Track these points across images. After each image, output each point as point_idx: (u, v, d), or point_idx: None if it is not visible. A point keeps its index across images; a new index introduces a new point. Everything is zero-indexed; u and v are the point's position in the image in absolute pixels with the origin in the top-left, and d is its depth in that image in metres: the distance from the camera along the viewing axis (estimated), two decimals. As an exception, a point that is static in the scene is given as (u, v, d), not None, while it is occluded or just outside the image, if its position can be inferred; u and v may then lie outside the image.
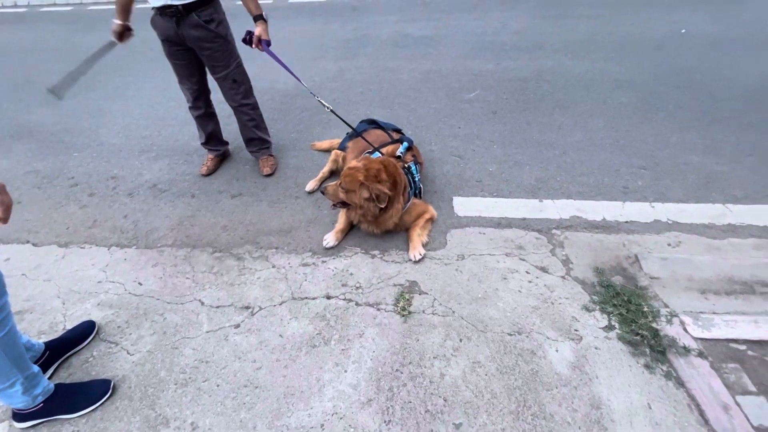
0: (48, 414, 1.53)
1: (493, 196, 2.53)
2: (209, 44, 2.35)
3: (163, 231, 2.41)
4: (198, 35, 2.30)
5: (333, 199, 2.16)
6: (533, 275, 1.99)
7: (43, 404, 1.51)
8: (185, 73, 2.52)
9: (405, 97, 3.74)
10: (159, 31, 2.35)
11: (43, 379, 1.52)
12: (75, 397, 1.57)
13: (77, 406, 1.55)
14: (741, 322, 1.70)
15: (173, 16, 2.23)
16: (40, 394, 1.49)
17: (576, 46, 4.47)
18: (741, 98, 3.35)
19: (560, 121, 3.23)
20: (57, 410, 1.54)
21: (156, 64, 4.69)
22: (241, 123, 2.76)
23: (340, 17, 5.83)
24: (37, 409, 1.51)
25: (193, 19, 2.25)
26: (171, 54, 2.44)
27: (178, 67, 2.50)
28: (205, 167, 2.87)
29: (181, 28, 2.27)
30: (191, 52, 2.42)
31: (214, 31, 2.32)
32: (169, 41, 2.37)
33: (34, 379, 1.46)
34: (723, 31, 4.57)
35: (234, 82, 2.54)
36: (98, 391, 1.60)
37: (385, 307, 1.88)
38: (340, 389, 1.57)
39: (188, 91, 2.60)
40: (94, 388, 1.60)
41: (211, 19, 2.30)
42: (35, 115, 3.81)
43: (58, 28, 6.19)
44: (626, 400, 1.48)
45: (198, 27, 2.27)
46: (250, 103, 2.68)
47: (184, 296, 1.99)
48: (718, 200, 2.39)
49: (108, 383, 1.62)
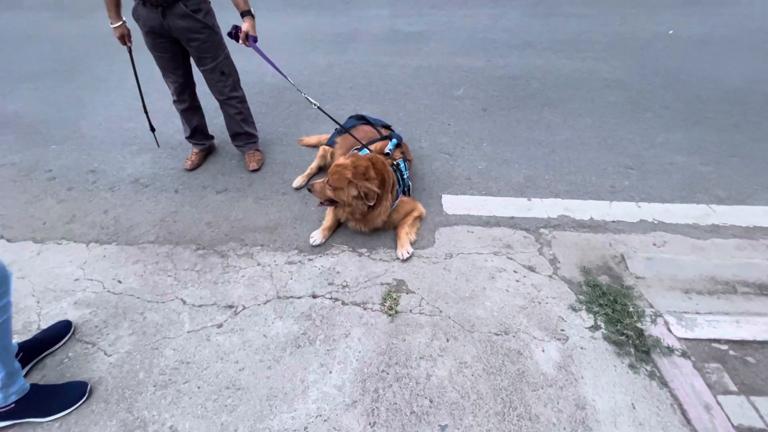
0: (19, 416, 1.46)
1: (482, 194, 2.52)
2: (197, 35, 2.27)
3: (145, 227, 2.34)
4: (185, 26, 2.22)
5: (320, 197, 2.12)
6: (521, 274, 1.99)
7: (14, 404, 1.44)
8: (170, 66, 2.43)
9: (395, 92, 3.70)
10: (142, 22, 2.25)
11: (20, 377, 1.46)
12: (49, 399, 1.50)
13: (51, 410, 1.48)
14: (723, 322, 1.72)
15: (159, 6, 2.15)
16: (14, 392, 1.43)
17: (565, 45, 4.48)
18: (725, 99, 3.40)
19: (549, 120, 3.23)
20: (29, 413, 1.47)
21: (139, 54, 4.54)
22: (228, 116, 2.69)
23: (330, 10, 5.75)
24: (8, 410, 1.44)
25: (180, 9, 2.17)
26: (155, 46, 2.34)
27: (162, 60, 2.41)
28: (189, 162, 2.80)
29: (167, 19, 2.19)
30: (176, 44, 2.34)
31: (202, 21, 2.25)
32: (153, 33, 2.27)
33: (13, 376, 1.41)
34: (709, 33, 4.63)
35: (222, 74, 2.47)
36: (74, 393, 1.53)
37: (372, 306, 1.85)
38: (325, 391, 1.54)
39: (173, 85, 2.52)
40: (70, 391, 1.54)
41: (198, 9, 2.22)
42: (12, 105, 3.66)
43: (37, 15, 5.96)
44: (611, 400, 1.49)
45: (185, 17, 2.19)
46: (238, 96, 2.61)
47: (166, 295, 1.94)
48: (703, 200, 2.42)
49: (85, 386, 1.56)
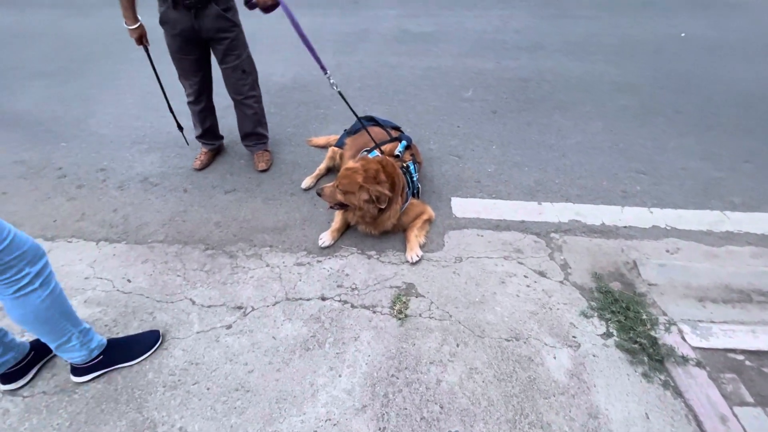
0: (108, 364, 1.61)
1: (491, 197, 2.50)
2: (227, 33, 2.28)
3: (154, 226, 2.35)
4: (218, 26, 2.23)
5: (330, 201, 2.11)
6: (531, 279, 1.97)
7: (102, 356, 1.59)
8: (193, 68, 2.42)
9: (404, 93, 3.69)
10: (171, 25, 2.23)
11: (96, 334, 1.59)
12: (129, 347, 1.66)
13: (134, 355, 1.65)
14: (738, 331, 1.69)
15: (192, 8, 2.14)
16: (95, 348, 1.57)
17: (576, 47, 4.45)
18: (738, 104, 3.36)
19: (560, 123, 3.21)
20: (116, 360, 1.63)
21: (151, 52, 4.56)
22: (241, 116, 2.67)
23: (339, 10, 5.74)
24: (97, 362, 1.58)
25: (213, 10, 2.17)
26: (181, 49, 2.33)
27: (186, 62, 2.40)
28: (198, 161, 2.80)
29: (199, 20, 2.18)
30: (202, 45, 2.34)
31: (232, 20, 2.26)
32: (182, 36, 2.25)
33: (87, 334, 1.54)
34: (721, 37, 4.58)
35: (243, 72, 2.46)
36: (150, 339, 1.70)
37: (381, 309, 1.84)
38: (334, 394, 1.53)
39: (193, 86, 2.51)
40: (146, 338, 1.70)
41: (229, 7, 2.24)
42: (22, 103, 3.69)
43: (47, 13, 6.00)
44: (624, 409, 1.47)
45: (219, 17, 2.20)
46: (255, 96, 2.60)
47: (175, 295, 1.93)
48: (716, 207, 2.38)
49: (157, 332, 1.72)
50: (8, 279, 1.28)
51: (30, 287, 1.32)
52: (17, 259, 1.27)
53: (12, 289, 1.30)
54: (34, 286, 1.33)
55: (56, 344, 1.47)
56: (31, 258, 1.31)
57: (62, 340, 1.47)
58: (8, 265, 1.26)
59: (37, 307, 1.36)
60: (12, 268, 1.27)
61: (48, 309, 1.39)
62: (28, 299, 1.33)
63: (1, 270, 1.25)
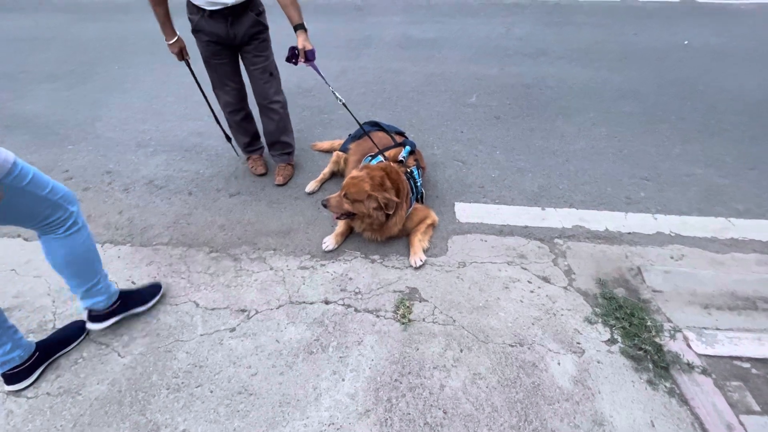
0: (125, 309, 1.77)
1: (495, 202, 2.50)
2: (259, 35, 2.30)
3: (159, 229, 2.36)
4: (253, 31, 2.25)
5: (337, 211, 2.08)
6: (535, 285, 1.97)
7: (119, 301, 1.73)
8: (229, 71, 2.39)
9: (408, 99, 3.71)
10: (205, 32, 2.21)
11: (112, 283, 1.74)
12: (138, 295, 1.83)
13: (145, 300, 1.84)
14: (744, 339, 1.68)
15: (228, 16, 2.15)
16: (114, 294, 1.72)
17: (579, 54, 4.46)
18: (742, 111, 3.36)
19: (563, 129, 3.21)
20: (131, 306, 1.79)
21: (156, 56, 4.63)
22: (268, 122, 2.60)
23: (343, 16, 5.79)
24: (115, 308, 1.72)
25: (248, 15, 2.19)
26: (215, 54, 2.30)
27: (222, 68, 2.37)
28: (261, 167, 2.76)
29: (234, 27, 2.19)
30: (233, 50, 2.34)
31: (264, 23, 2.29)
32: (216, 42, 2.25)
33: (107, 279, 1.69)
34: (724, 44, 4.58)
35: (270, 75, 2.44)
36: (154, 289, 1.89)
37: (385, 314, 1.84)
38: (338, 399, 1.53)
39: (232, 92, 2.47)
40: (150, 288, 1.89)
41: (260, 11, 2.27)
42: (30, 106, 3.73)
43: (57, 18, 6.09)
44: (629, 417, 1.45)
45: (254, 23, 2.23)
46: (280, 101, 2.54)
47: (179, 297, 1.94)
48: (721, 214, 2.38)
49: (159, 284, 1.92)
50: (58, 219, 1.45)
51: (75, 227, 1.51)
52: (62, 199, 1.45)
53: (62, 229, 1.47)
54: (79, 225, 1.52)
55: (86, 287, 1.61)
56: (70, 199, 1.50)
57: (93, 282, 1.62)
58: (57, 204, 1.43)
59: (80, 245, 1.53)
60: (60, 207, 1.45)
61: (88, 249, 1.58)
62: (74, 238, 1.50)
63: (52, 209, 1.42)
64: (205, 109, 2.77)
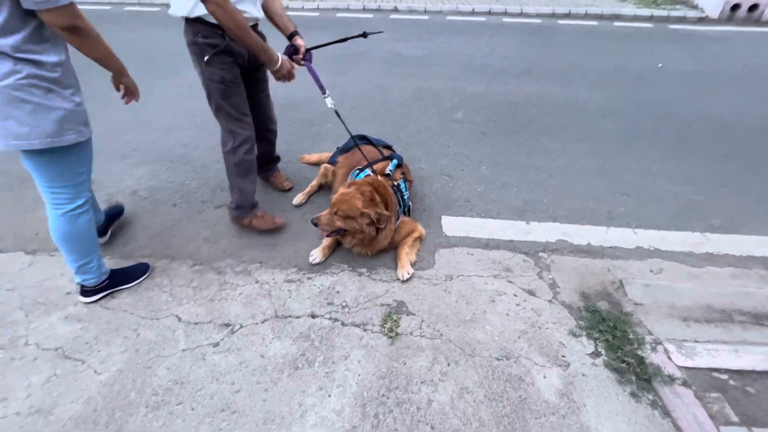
0: (113, 286, 1.94)
1: (481, 216, 2.54)
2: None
3: (141, 240, 2.31)
4: None
5: (328, 229, 2.05)
6: (521, 298, 1.99)
7: (108, 280, 1.91)
8: (245, 99, 2.15)
9: (396, 113, 3.76)
10: (234, 53, 1.99)
11: (103, 261, 1.91)
12: (127, 273, 2.00)
13: (133, 278, 2.00)
14: (722, 351, 1.72)
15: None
16: (104, 273, 1.89)
17: (561, 74, 4.63)
18: (715, 131, 3.52)
19: (547, 146, 3.30)
20: (119, 283, 1.96)
21: (142, 67, 4.56)
22: (267, 145, 2.57)
23: (332, 32, 5.88)
24: (106, 284, 1.91)
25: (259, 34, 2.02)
26: (237, 78, 2.06)
27: (240, 95, 2.10)
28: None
29: None
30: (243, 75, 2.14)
31: None
32: (239, 64, 2.06)
33: (100, 259, 1.87)
34: (696, 68, 4.82)
35: (269, 98, 2.40)
36: (142, 268, 2.05)
37: (372, 327, 1.83)
38: (324, 415, 1.50)
39: (250, 126, 2.19)
40: (139, 267, 2.05)
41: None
42: (9, 114, 3.63)
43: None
44: (614, 429, 1.47)
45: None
46: (275, 120, 2.51)
47: (160, 311, 1.89)
48: (697, 229, 2.46)
49: (146, 264, 2.08)
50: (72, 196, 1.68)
51: (81, 209, 1.72)
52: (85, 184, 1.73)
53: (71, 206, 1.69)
54: (85, 209, 1.73)
55: (80, 263, 1.79)
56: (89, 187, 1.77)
57: (86, 260, 1.80)
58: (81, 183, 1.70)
59: (80, 226, 1.73)
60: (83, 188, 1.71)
61: (87, 231, 1.77)
62: (79, 219, 1.72)
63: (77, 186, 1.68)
64: (191, 119, 2.74)
